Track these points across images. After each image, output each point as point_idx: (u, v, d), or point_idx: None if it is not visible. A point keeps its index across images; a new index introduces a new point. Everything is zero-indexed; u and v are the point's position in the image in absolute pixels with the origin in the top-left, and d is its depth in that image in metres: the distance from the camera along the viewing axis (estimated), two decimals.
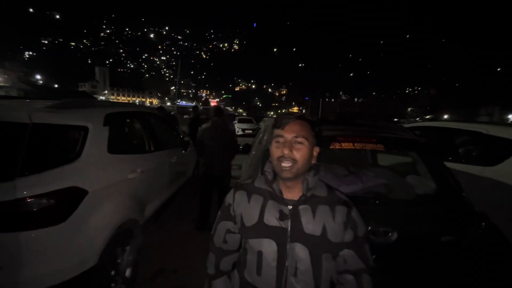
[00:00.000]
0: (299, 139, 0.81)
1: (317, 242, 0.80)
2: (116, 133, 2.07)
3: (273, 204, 0.85)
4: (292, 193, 0.85)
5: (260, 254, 0.83)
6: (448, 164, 1.76)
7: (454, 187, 1.64)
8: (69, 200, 1.48)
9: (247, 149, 3.26)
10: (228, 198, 0.94)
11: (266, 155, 1.81)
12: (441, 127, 3.37)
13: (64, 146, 1.68)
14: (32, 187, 1.33)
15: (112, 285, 1.83)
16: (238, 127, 15.83)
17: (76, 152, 1.65)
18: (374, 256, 0.88)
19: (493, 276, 1.90)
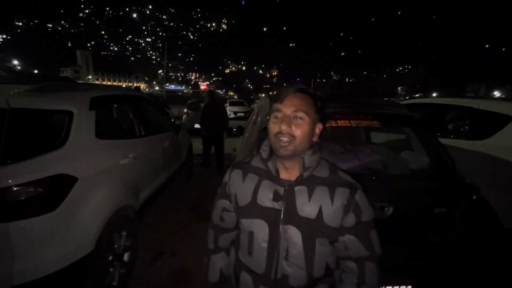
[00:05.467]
0: (299, 114, 0.74)
1: (311, 226, 0.76)
2: (104, 118, 1.99)
3: (268, 184, 0.81)
4: (290, 173, 0.80)
5: (251, 234, 0.81)
6: (439, 140, 1.78)
7: (447, 161, 1.66)
8: (58, 188, 1.42)
9: (240, 131, 3.22)
10: (225, 177, 0.92)
11: (261, 136, 1.77)
12: (432, 103, 3.40)
13: (48, 132, 1.60)
14: (17, 176, 1.27)
15: (111, 269, 1.83)
16: (229, 110, 15.56)
17: (61, 138, 1.57)
18: None
19: (481, 244, 2.00)
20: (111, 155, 1.95)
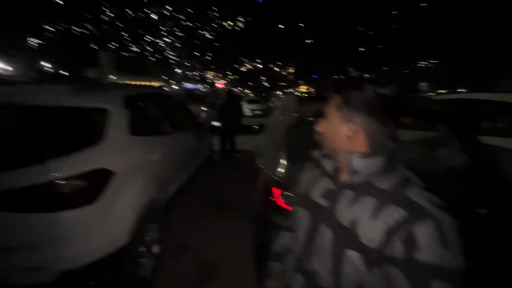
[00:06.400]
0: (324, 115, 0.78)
1: (344, 234, 0.70)
2: (136, 115, 2.07)
3: (325, 180, 0.82)
4: (347, 176, 0.78)
5: (297, 220, 0.87)
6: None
7: (487, 160, 1.57)
8: (98, 181, 1.51)
9: (261, 129, 3.23)
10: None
11: (288, 130, 1.77)
12: (466, 99, 3.21)
13: (88, 128, 1.69)
14: (63, 169, 1.36)
15: (143, 260, 1.92)
16: (247, 108, 15.63)
17: (99, 135, 1.65)
18: None
19: None
20: (143, 151, 2.02)
